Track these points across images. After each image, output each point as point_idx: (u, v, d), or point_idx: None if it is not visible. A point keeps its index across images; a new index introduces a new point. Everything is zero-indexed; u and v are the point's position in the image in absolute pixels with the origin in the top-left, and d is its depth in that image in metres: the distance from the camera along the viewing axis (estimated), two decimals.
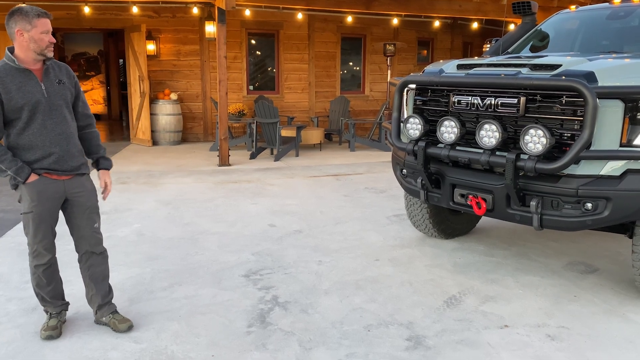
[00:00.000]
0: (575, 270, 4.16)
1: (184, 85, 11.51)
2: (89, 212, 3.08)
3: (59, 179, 2.96)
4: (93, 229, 3.11)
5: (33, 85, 2.84)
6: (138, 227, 5.23)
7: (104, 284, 3.20)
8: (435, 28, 13.21)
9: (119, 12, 10.85)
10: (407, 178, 4.23)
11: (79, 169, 3.03)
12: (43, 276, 3.04)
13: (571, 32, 4.78)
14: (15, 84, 2.79)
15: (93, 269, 3.16)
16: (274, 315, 3.37)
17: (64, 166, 2.94)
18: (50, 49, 2.88)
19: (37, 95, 2.84)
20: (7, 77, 2.79)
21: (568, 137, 3.22)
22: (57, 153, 2.91)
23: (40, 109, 2.85)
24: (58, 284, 3.15)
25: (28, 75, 2.84)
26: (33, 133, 2.85)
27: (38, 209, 2.91)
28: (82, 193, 3.04)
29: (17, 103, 2.79)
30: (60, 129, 2.92)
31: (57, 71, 2.98)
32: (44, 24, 2.82)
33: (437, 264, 4.26)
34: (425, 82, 3.91)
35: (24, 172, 2.84)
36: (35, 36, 2.80)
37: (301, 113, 12.30)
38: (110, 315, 3.17)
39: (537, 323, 3.28)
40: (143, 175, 7.75)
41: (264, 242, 4.78)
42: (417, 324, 3.25)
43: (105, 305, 3.18)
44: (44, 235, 2.97)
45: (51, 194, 2.93)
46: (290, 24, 11.92)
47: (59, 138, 2.91)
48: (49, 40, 2.85)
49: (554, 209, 3.34)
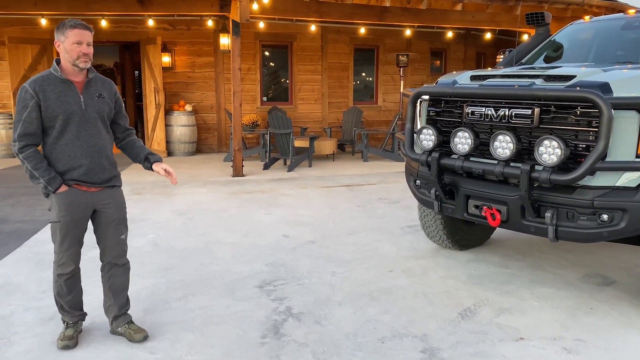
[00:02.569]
0: (592, 282, 4.11)
1: (199, 97, 11.62)
2: (115, 223, 3.11)
3: (89, 190, 3.00)
4: (119, 241, 3.15)
5: (72, 96, 2.91)
6: (153, 237, 5.27)
7: (123, 295, 3.24)
8: (448, 38, 13.22)
9: (135, 25, 11.02)
10: (421, 189, 4.22)
11: (109, 181, 3.08)
12: (64, 285, 3.08)
13: (585, 42, 4.76)
14: (55, 93, 2.87)
15: (113, 280, 3.20)
16: (288, 326, 3.37)
17: (93, 178, 2.99)
18: (83, 60, 2.89)
19: (73, 106, 2.90)
20: (48, 85, 2.87)
21: (583, 148, 3.20)
22: (87, 165, 2.95)
23: (75, 120, 2.91)
24: (78, 294, 3.19)
25: (69, 86, 2.91)
26: (66, 143, 2.91)
27: (66, 219, 2.96)
28: (111, 205, 3.09)
29: (53, 111, 2.86)
30: (93, 142, 2.97)
31: (99, 85, 3.04)
32: (75, 35, 2.86)
33: (451, 276, 4.24)
34: (439, 93, 3.91)
35: (55, 182, 2.90)
36: (67, 47, 2.87)
37: (314, 124, 12.34)
38: (126, 326, 3.20)
39: (553, 335, 3.25)
40: (158, 186, 7.82)
41: (277, 253, 4.80)
42: (431, 336, 3.24)
43: (121, 316, 3.22)
44: (70, 245, 3.01)
45: (79, 205, 2.98)
46: (303, 36, 12.01)
47: (91, 150, 2.96)
48: (81, 51, 2.86)
49: (569, 220, 3.31)
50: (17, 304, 3.66)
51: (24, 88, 2.86)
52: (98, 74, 3.08)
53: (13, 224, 5.69)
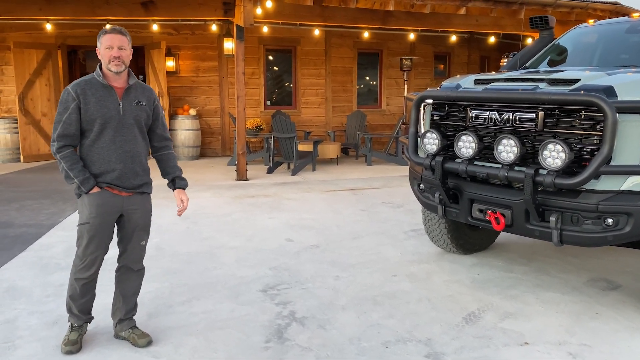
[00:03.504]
0: (597, 286, 4.09)
1: (203, 101, 11.66)
2: (139, 229, 3.15)
3: (120, 194, 3.04)
4: (139, 246, 3.19)
5: (111, 102, 2.96)
6: (157, 241, 5.28)
7: (132, 299, 3.25)
8: (452, 42, 13.22)
9: (139, 29, 11.06)
10: (425, 193, 4.22)
11: (141, 187, 3.11)
12: (80, 289, 3.09)
13: (590, 46, 4.75)
14: (96, 97, 2.93)
15: (126, 284, 3.22)
16: (291, 330, 3.36)
17: (125, 183, 3.02)
18: (115, 64, 2.92)
19: (112, 111, 2.95)
20: (90, 89, 2.93)
21: (587, 152, 3.19)
22: (120, 170, 2.99)
23: (112, 125, 2.95)
24: (90, 299, 3.19)
25: (109, 92, 2.96)
26: (102, 147, 2.96)
27: (95, 221, 2.98)
28: (138, 211, 3.12)
29: (92, 115, 2.91)
30: (128, 147, 3.01)
31: (138, 92, 3.08)
32: (107, 40, 2.92)
33: (455, 280, 4.23)
34: (443, 97, 3.91)
35: (88, 184, 2.94)
36: (102, 52, 2.95)
37: (318, 128, 12.36)
38: (130, 330, 3.20)
39: (558, 340, 3.23)
40: (162, 190, 7.77)
41: (281, 257, 4.79)
42: (435, 341, 3.23)
43: (126, 320, 3.22)
44: (95, 249, 3.03)
45: (110, 208, 3.01)
46: (307, 40, 12.04)
47: (125, 156, 3.00)
48: (112, 55, 2.91)
49: (574, 224, 3.30)
50: (21, 308, 3.67)
51: (66, 90, 2.93)
52: (139, 81, 3.13)
53: (18, 228, 5.71)
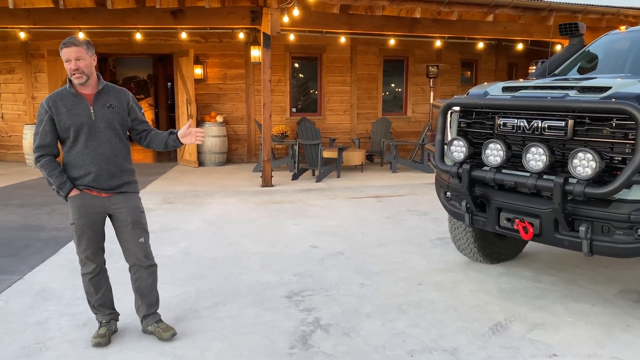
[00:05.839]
0: (628, 298, 4.00)
1: (230, 108, 11.78)
2: (131, 226, 3.24)
3: (99, 195, 3.18)
4: (138, 244, 3.28)
5: (82, 109, 3.10)
6: (184, 246, 5.35)
7: (151, 295, 3.37)
8: (479, 49, 13.11)
9: (168, 37, 11.26)
10: (451, 201, 4.18)
11: (120, 187, 3.22)
12: (90, 284, 3.26)
13: (621, 53, 4.67)
14: (67, 107, 3.09)
15: (140, 282, 3.34)
16: (316, 337, 3.37)
17: (102, 184, 3.16)
18: (76, 76, 3.04)
19: (83, 118, 3.09)
20: (61, 100, 3.11)
21: (619, 160, 3.13)
22: (95, 172, 3.13)
23: (84, 131, 3.10)
24: (106, 293, 3.33)
25: (79, 100, 3.11)
26: (77, 152, 3.12)
27: (79, 221, 3.16)
28: (123, 209, 3.22)
29: (65, 124, 3.09)
30: (102, 150, 3.13)
31: (110, 96, 3.20)
32: (64, 54, 3.02)
33: (482, 289, 4.17)
34: (470, 104, 3.88)
35: (65, 187, 3.12)
36: (65, 65, 3.06)
37: (343, 134, 12.36)
38: (155, 324, 3.35)
39: (588, 353, 3.16)
40: (189, 196, 7.93)
41: (305, 263, 4.81)
42: (461, 350, 3.19)
43: (150, 315, 3.37)
44: (87, 246, 3.20)
45: (90, 209, 3.16)
46: (333, 47, 12.08)
47: (99, 158, 3.13)
48: (71, 68, 3.03)
49: (604, 234, 3.23)
50: (52, 310, 3.76)
51: (41, 104, 3.13)
52: (110, 84, 3.24)
53: (49, 231, 5.85)
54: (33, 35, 10.93)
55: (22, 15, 8.83)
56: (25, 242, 5.42)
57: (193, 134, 3.31)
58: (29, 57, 11.26)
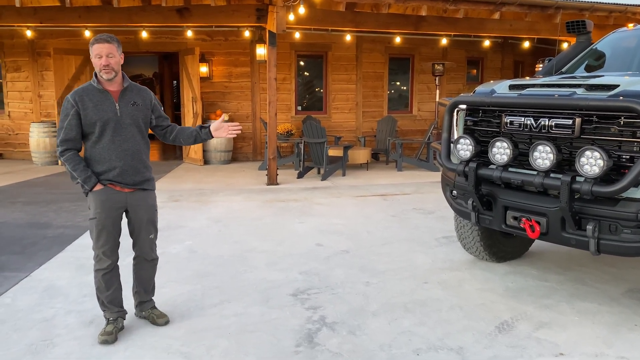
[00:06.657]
0: (636, 297, 3.97)
1: (235, 106, 11.79)
2: (145, 224, 3.37)
3: (122, 190, 3.24)
4: (148, 239, 3.42)
5: (108, 105, 3.17)
6: (190, 244, 5.36)
7: (149, 283, 3.55)
8: (485, 47, 13.06)
9: (174, 36, 11.28)
10: (457, 199, 4.17)
11: (142, 184, 3.31)
12: (102, 280, 3.29)
13: (629, 51, 4.63)
14: (93, 102, 3.14)
15: (142, 272, 3.50)
16: (322, 335, 3.37)
17: (126, 179, 3.22)
18: (106, 71, 3.13)
19: (109, 113, 3.16)
20: (87, 96, 3.16)
21: (627, 159, 3.10)
22: (121, 167, 3.19)
23: (111, 126, 3.16)
24: (116, 290, 3.37)
25: (105, 96, 3.18)
26: (103, 147, 3.17)
27: (101, 216, 3.20)
28: (141, 206, 3.33)
29: (91, 119, 3.15)
30: (127, 146, 3.21)
31: (134, 94, 3.29)
32: (96, 49, 3.13)
33: (488, 288, 4.16)
34: (477, 102, 3.87)
35: (90, 182, 3.16)
36: (93, 60, 3.16)
37: (348, 133, 12.36)
38: (150, 310, 3.51)
39: (595, 352, 3.15)
40: (195, 194, 7.95)
41: (311, 262, 4.81)
42: (467, 349, 3.18)
43: (146, 302, 3.54)
44: (105, 241, 3.24)
45: (113, 204, 3.22)
46: (338, 46, 12.07)
47: (124, 154, 3.20)
48: (101, 63, 3.11)
49: (612, 233, 3.22)
50: (59, 307, 3.77)
51: (66, 99, 3.15)
52: (134, 82, 3.33)
53: (56, 229, 5.88)
54: (39, 33, 10.98)
55: (29, 14, 8.87)
56: (32, 239, 5.45)
57: (226, 128, 3.41)
58: (36, 55, 11.32)
